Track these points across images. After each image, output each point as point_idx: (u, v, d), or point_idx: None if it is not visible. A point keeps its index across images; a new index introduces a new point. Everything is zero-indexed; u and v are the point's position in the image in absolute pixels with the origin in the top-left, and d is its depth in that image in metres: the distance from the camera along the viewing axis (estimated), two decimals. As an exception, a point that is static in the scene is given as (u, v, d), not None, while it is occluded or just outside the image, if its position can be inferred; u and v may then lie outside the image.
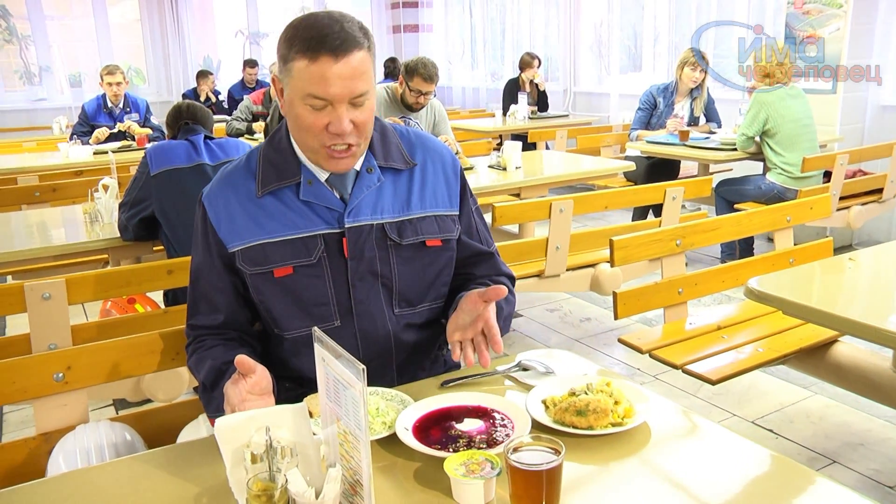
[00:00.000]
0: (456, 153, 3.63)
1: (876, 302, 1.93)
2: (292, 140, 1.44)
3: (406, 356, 1.50)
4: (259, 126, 5.71)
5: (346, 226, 1.40)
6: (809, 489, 1.10)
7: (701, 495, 1.05)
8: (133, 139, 5.35)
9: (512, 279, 1.62)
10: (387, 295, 1.45)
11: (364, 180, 1.43)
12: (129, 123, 5.46)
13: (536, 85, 6.88)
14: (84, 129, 5.49)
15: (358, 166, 1.43)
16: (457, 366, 1.60)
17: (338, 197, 1.42)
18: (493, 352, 1.32)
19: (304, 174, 1.41)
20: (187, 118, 2.88)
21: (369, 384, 1.34)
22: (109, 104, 5.54)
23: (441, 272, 1.51)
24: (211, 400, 1.40)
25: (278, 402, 1.48)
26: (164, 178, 2.68)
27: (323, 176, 1.42)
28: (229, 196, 1.43)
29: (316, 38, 1.27)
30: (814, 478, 1.12)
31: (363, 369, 0.88)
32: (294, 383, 1.48)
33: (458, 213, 1.52)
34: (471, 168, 3.97)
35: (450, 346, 1.35)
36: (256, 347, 1.49)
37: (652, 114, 5.12)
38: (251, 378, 1.21)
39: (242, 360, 1.19)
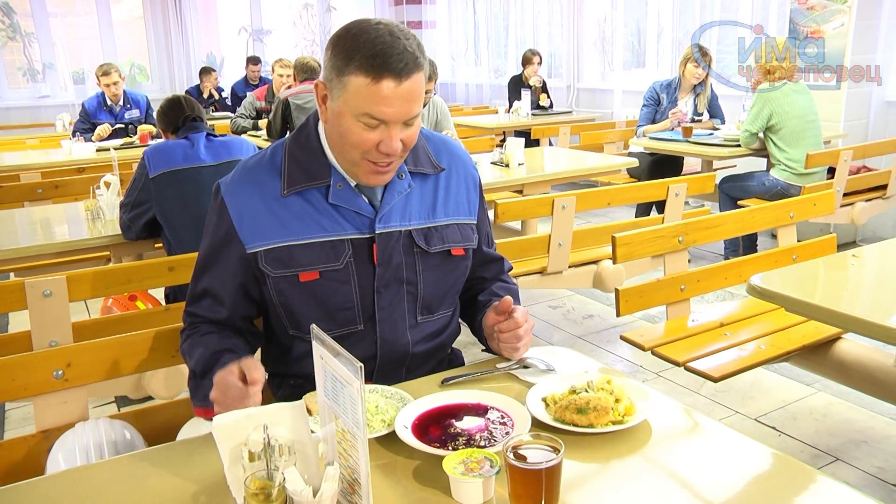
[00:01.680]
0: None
1: (879, 299, 1.92)
2: (323, 142, 1.41)
3: (418, 361, 1.51)
4: (263, 122, 5.71)
5: (377, 232, 1.39)
6: (812, 487, 1.10)
7: (703, 494, 1.05)
8: (135, 135, 5.35)
9: (510, 268, 1.69)
10: (411, 302, 1.46)
11: (395, 186, 1.42)
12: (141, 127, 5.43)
13: (542, 84, 6.88)
14: (85, 126, 5.49)
15: None
16: (459, 364, 1.60)
17: (367, 201, 1.41)
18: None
19: (333, 177, 1.39)
20: (189, 110, 2.85)
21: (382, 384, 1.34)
22: (109, 102, 5.54)
23: (457, 281, 1.53)
24: (199, 388, 1.38)
25: (283, 399, 1.48)
26: (163, 180, 2.67)
27: (353, 180, 1.40)
28: (252, 193, 1.39)
29: (380, 58, 1.24)
30: (817, 476, 1.11)
31: (361, 367, 0.87)
32: (304, 380, 1.46)
33: (476, 222, 1.54)
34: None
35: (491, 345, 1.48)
36: (251, 341, 1.48)
37: (656, 110, 5.11)
38: (255, 387, 1.21)
39: (253, 367, 1.21)
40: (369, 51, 1.25)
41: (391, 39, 1.26)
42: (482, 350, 1.56)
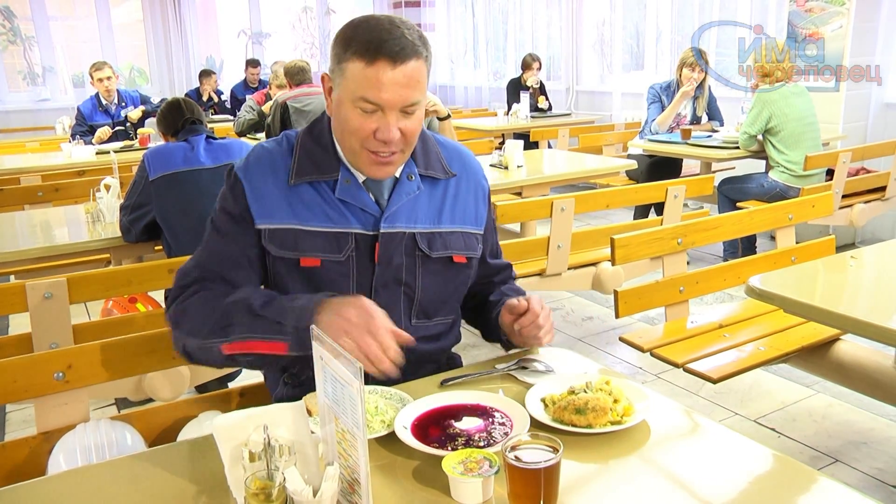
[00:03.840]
0: (433, 105, 3.61)
1: (878, 300, 1.92)
2: (334, 136, 1.43)
3: (414, 366, 1.50)
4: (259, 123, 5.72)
5: (382, 230, 1.40)
6: (812, 488, 1.10)
7: (702, 494, 1.05)
8: (135, 137, 5.36)
9: (514, 277, 1.70)
10: (407, 304, 1.46)
11: (404, 187, 1.43)
12: (133, 113, 5.48)
13: (541, 86, 6.89)
14: (83, 128, 5.51)
15: (398, 172, 1.43)
16: (458, 366, 1.61)
17: (373, 199, 1.42)
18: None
19: (342, 173, 1.41)
20: (188, 113, 2.86)
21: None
22: (104, 102, 5.55)
23: (458, 289, 1.53)
24: (255, 319, 1.28)
25: (279, 398, 1.48)
26: (162, 182, 2.68)
27: (361, 177, 1.42)
28: (266, 174, 1.40)
29: (375, 42, 1.27)
30: (816, 477, 1.12)
31: (360, 368, 0.88)
32: (302, 376, 1.46)
33: (482, 232, 1.54)
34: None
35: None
36: None
37: (662, 107, 5.11)
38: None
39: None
40: (366, 36, 1.28)
41: (390, 27, 1.29)
42: (505, 352, 1.56)
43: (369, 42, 1.27)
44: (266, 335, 1.27)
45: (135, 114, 5.52)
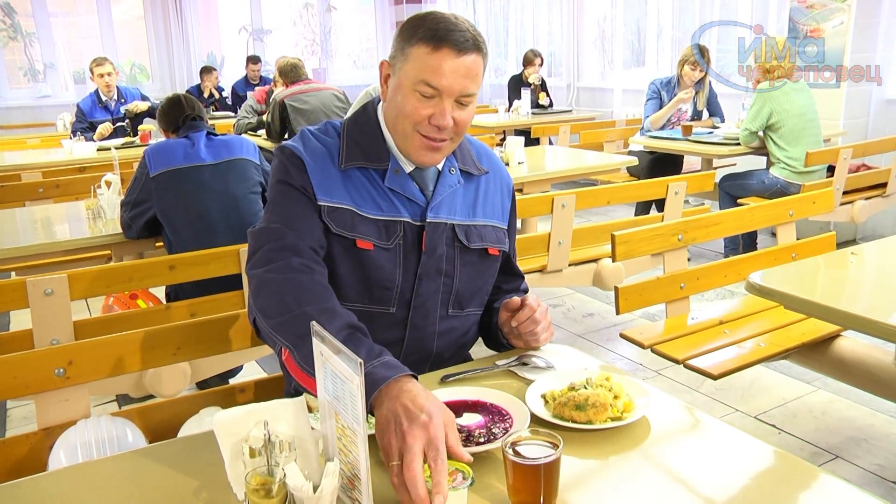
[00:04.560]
0: None
1: (879, 296, 1.92)
2: (382, 126, 1.45)
3: (442, 356, 1.53)
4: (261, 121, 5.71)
5: (428, 220, 1.43)
6: (812, 485, 1.10)
7: (702, 491, 1.05)
8: (136, 134, 5.36)
9: (525, 290, 1.71)
10: (445, 294, 1.49)
11: (447, 179, 1.47)
12: (134, 105, 5.49)
13: (542, 83, 6.88)
14: (83, 125, 5.50)
15: (440, 165, 1.47)
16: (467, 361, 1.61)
17: (419, 190, 1.45)
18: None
19: (392, 162, 1.43)
20: (189, 109, 2.86)
21: None
22: (104, 98, 5.55)
23: (488, 281, 1.57)
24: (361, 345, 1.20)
25: (292, 390, 1.49)
26: (163, 179, 2.68)
27: (408, 168, 1.44)
28: (322, 153, 1.42)
29: (442, 31, 1.33)
30: (817, 473, 1.12)
31: (360, 363, 0.88)
32: None
33: (506, 227, 1.59)
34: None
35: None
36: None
37: (660, 104, 5.11)
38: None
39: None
40: (434, 25, 1.34)
41: (456, 21, 1.36)
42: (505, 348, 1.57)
43: (437, 30, 1.33)
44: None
45: (142, 105, 5.52)
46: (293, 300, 1.27)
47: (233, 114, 6.76)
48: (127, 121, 5.55)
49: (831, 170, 4.26)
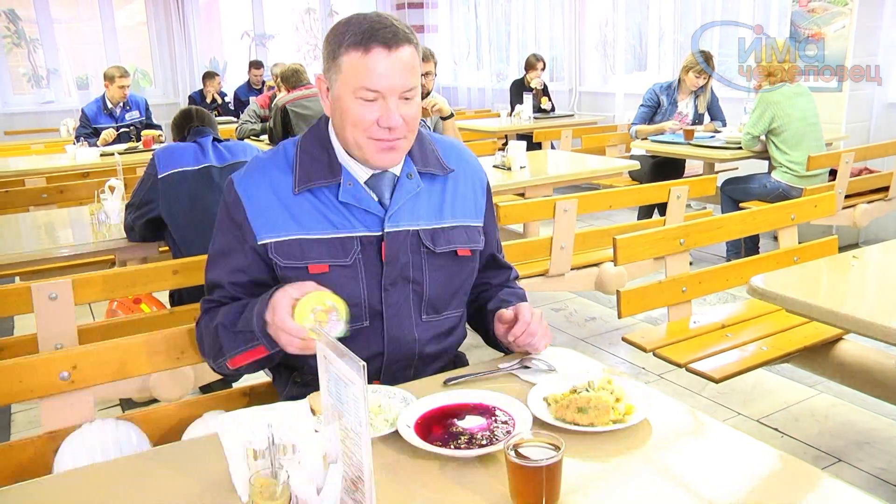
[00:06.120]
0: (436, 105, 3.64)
1: (881, 300, 1.92)
2: (332, 140, 1.44)
3: (427, 362, 1.53)
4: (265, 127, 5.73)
5: (386, 230, 1.41)
6: (815, 488, 1.10)
7: (704, 493, 1.05)
8: (139, 140, 5.38)
9: (516, 277, 1.69)
10: (416, 301, 1.47)
11: (405, 186, 1.44)
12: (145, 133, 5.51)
13: (544, 87, 6.90)
14: (87, 131, 5.53)
15: (397, 171, 1.45)
16: (465, 365, 1.62)
17: (376, 200, 1.43)
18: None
19: (344, 176, 1.42)
20: (197, 121, 2.91)
21: (390, 385, 1.36)
22: (109, 105, 5.58)
23: (465, 282, 1.55)
24: (236, 335, 1.37)
25: (289, 398, 1.49)
26: (171, 180, 2.70)
27: (363, 178, 1.43)
28: (266, 187, 1.42)
29: (368, 31, 1.31)
30: (819, 477, 1.12)
31: (363, 366, 0.89)
32: (311, 377, 1.46)
33: (482, 225, 1.56)
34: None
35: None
36: None
37: (656, 111, 5.13)
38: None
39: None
40: (358, 28, 1.32)
41: (378, 18, 1.34)
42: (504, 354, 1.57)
43: (362, 32, 1.31)
44: (247, 345, 1.35)
45: (146, 131, 5.55)
46: (210, 330, 1.44)
47: (235, 119, 6.77)
48: (132, 127, 5.58)
49: (833, 174, 4.26)
